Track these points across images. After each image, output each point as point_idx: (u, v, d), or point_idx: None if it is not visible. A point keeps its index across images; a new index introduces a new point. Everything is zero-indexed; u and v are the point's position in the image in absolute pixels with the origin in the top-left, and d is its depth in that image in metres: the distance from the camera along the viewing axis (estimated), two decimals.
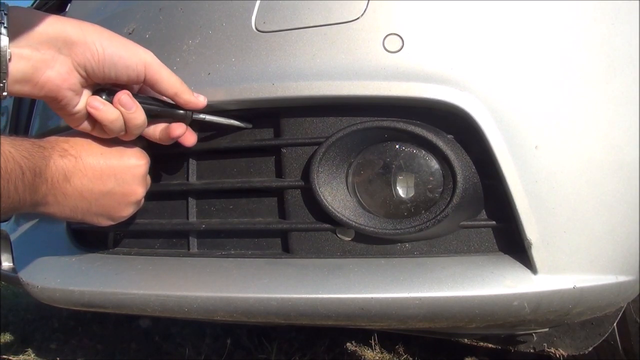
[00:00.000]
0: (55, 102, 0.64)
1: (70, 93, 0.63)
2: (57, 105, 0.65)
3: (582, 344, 0.89)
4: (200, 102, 0.70)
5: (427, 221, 0.66)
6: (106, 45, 0.63)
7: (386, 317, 0.66)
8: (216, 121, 0.73)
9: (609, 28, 0.66)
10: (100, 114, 0.65)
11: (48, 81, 0.61)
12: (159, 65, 0.67)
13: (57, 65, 0.62)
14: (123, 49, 0.64)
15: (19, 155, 0.58)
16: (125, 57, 0.64)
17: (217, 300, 0.69)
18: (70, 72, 0.62)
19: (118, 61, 0.64)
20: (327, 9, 0.67)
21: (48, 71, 0.61)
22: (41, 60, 0.61)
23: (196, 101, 0.69)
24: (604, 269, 0.67)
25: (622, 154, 0.66)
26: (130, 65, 0.65)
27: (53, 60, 0.61)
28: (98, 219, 0.71)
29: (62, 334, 1.65)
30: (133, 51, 0.65)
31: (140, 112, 0.67)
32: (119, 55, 0.64)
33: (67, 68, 0.62)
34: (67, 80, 0.62)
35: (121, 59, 0.64)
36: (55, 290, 0.81)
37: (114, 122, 0.66)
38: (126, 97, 0.66)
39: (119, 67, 0.64)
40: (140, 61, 0.65)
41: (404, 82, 0.64)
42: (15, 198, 0.58)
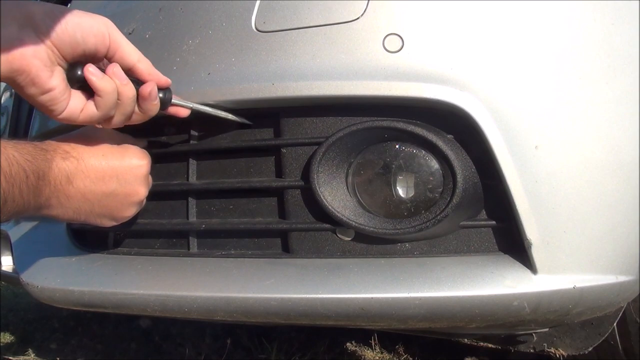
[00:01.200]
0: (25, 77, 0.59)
1: (38, 62, 0.59)
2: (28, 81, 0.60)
3: (582, 344, 0.89)
4: (163, 78, 0.68)
5: (427, 221, 0.66)
6: (64, 10, 0.62)
7: (386, 317, 0.66)
8: (204, 111, 0.71)
9: (609, 28, 0.66)
10: (100, 82, 0.63)
11: (10, 47, 0.57)
12: (118, 31, 0.66)
13: (15, 32, 0.58)
14: (82, 13, 0.63)
15: (22, 158, 0.58)
16: (87, 18, 0.63)
17: (217, 300, 0.69)
18: (35, 40, 0.59)
19: (81, 22, 0.62)
20: (327, 9, 0.67)
21: (7, 38, 0.57)
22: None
23: (159, 74, 0.68)
24: (604, 269, 0.67)
25: (622, 154, 0.66)
26: (94, 25, 0.63)
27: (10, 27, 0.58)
28: (101, 220, 0.71)
29: (62, 334, 1.64)
30: (93, 15, 0.64)
31: (131, 85, 0.65)
32: (80, 17, 0.62)
33: (29, 35, 0.59)
34: (31, 47, 0.59)
35: (84, 19, 0.63)
36: (55, 290, 0.81)
37: (110, 94, 0.64)
38: (118, 68, 0.64)
39: (85, 28, 0.62)
40: (102, 23, 0.64)
41: (404, 82, 0.64)
42: (19, 201, 0.57)
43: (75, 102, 0.64)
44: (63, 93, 0.62)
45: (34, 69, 0.59)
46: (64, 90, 0.62)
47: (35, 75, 0.59)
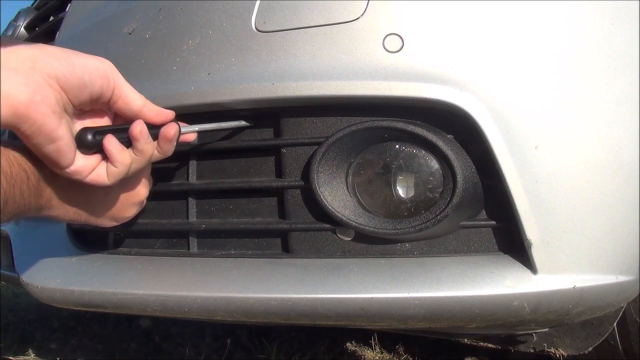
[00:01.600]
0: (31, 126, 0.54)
1: (46, 109, 0.54)
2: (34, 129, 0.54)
3: (582, 344, 0.89)
4: (169, 113, 0.66)
5: (427, 221, 0.66)
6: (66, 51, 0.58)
7: (386, 317, 0.66)
8: (211, 128, 0.71)
9: (609, 28, 0.66)
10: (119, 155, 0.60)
11: (16, 95, 0.52)
12: (119, 74, 0.63)
13: (21, 78, 0.53)
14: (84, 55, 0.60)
15: (23, 159, 0.58)
16: (92, 59, 0.60)
17: (217, 300, 0.69)
18: (41, 84, 0.54)
19: (87, 63, 0.59)
20: (327, 9, 0.67)
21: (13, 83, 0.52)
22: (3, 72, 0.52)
23: (164, 111, 0.66)
24: (604, 269, 0.67)
25: (622, 154, 0.66)
26: (99, 66, 0.60)
27: (17, 73, 0.53)
28: (102, 221, 0.71)
29: (62, 334, 1.64)
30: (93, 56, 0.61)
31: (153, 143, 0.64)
32: (85, 58, 0.59)
33: (36, 80, 0.54)
34: (39, 92, 0.53)
35: (89, 60, 0.59)
36: (55, 290, 0.81)
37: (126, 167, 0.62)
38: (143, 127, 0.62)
39: (91, 70, 0.59)
40: (106, 65, 0.61)
41: (404, 82, 0.64)
42: (20, 202, 0.57)
43: (83, 162, 0.60)
44: (70, 145, 0.58)
45: (41, 116, 0.54)
46: (71, 142, 0.59)
47: (42, 123, 0.54)
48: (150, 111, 0.65)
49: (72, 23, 0.97)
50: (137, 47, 0.79)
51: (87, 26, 0.92)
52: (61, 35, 1.00)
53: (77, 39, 0.93)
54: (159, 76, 0.75)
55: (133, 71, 0.76)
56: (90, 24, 0.91)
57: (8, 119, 0.52)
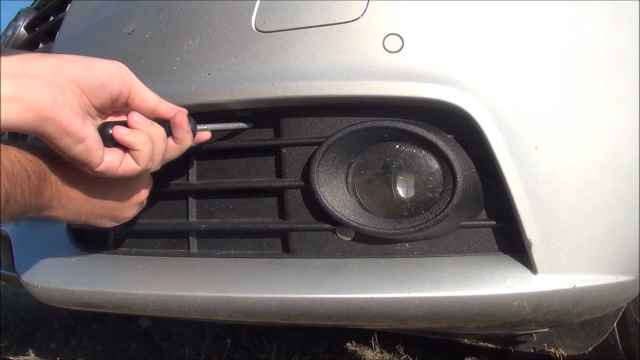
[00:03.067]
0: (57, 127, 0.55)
1: (69, 111, 0.56)
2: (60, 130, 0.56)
3: (582, 344, 0.89)
4: (183, 110, 0.68)
5: (427, 221, 0.66)
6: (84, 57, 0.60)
7: (386, 317, 0.66)
8: (216, 128, 0.72)
9: (609, 28, 0.66)
10: (132, 138, 0.61)
11: (40, 98, 0.53)
12: (134, 75, 0.65)
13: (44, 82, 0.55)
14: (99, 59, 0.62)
15: (24, 159, 0.58)
16: (107, 62, 0.62)
17: (217, 300, 0.69)
18: (63, 88, 0.56)
19: (104, 65, 0.61)
20: (327, 9, 0.67)
21: (36, 89, 0.53)
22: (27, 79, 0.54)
23: (179, 108, 0.67)
24: (604, 269, 0.67)
25: (622, 154, 0.66)
26: (114, 68, 0.62)
27: (39, 79, 0.55)
28: (102, 221, 0.71)
29: (62, 334, 1.64)
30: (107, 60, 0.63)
31: (156, 124, 0.65)
32: (101, 61, 0.62)
33: (58, 84, 0.56)
34: (61, 95, 0.55)
35: (105, 63, 0.62)
36: (55, 290, 0.81)
37: (146, 145, 0.62)
38: (138, 115, 0.64)
39: (108, 71, 0.61)
40: (121, 66, 0.63)
41: (404, 82, 0.64)
42: (21, 202, 0.57)
43: (110, 156, 0.62)
44: (98, 143, 0.59)
45: (65, 118, 0.55)
46: (99, 140, 0.60)
47: (67, 124, 0.56)
48: (166, 107, 0.67)
49: (72, 23, 0.97)
50: (137, 47, 0.79)
51: (87, 26, 0.92)
52: (61, 35, 1.00)
53: (77, 39, 0.93)
54: (159, 76, 0.75)
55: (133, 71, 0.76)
56: (90, 24, 0.91)
57: (34, 123, 0.54)
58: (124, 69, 0.64)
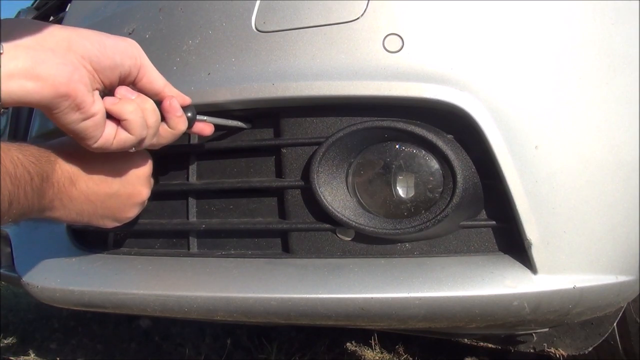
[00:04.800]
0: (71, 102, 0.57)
1: (83, 87, 0.57)
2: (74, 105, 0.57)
3: (582, 344, 0.89)
4: (187, 98, 0.68)
5: (427, 221, 0.66)
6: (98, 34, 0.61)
7: (386, 317, 0.66)
8: (217, 122, 0.72)
9: (609, 28, 0.66)
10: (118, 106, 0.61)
11: (56, 74, 0.54)
12: (145, 55, 0.65)
13: (59, 59, 0.56)
14: (113, 37, 0.62)
15: (26, 160, 0.58)
16: (120, 40, 0.63)
17: (217, 300, 0.69)
18: (77, 64, 0.57)
19: (117, 44, 0.61)
20: (327, 9, 0.67)
21: (52, 64, 0.55)
22: (42, 53, 0.55)
23: (183, 95, 0.68)
24: (604, 269, 0.67)
25: (622, 154, 0.66)
26: (127, 47, 0.62)
27: (54, 54, 0.56)
28: (104, 221, 0.71)
29: (62, 334, 1.64)
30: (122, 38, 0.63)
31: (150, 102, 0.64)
32: (114, 40, 0.62)
33: (72, 60, 0.57)
34: (76, 72, 0.56)
35: (118, 42, 0.62)
36: (55, 290, 0.81)
37: (135, 113, 0.62)
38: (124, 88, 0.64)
39: (121, 50, 0.62)
40: (133, 45, 0.64)
41: (404, 82, 0.64)
42: (24, 203, 0.57)
43: (107, 129, 0.62)
44: (104, 118, 0.61)
45: (80, 94, 0.57)
46: (105, 115, 0.61)
47: (81, 100, 0.57)
48: (171, 91, 0.67)
49: (72, 23, 0.97)
50: None
51: (87, 26, 0.92)
52: None
53: None
54: None
55: None
56: (91, 24, 0.91)
57: (50, 99, 0.55)
58: (137, 48, 0.64)
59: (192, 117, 0.69)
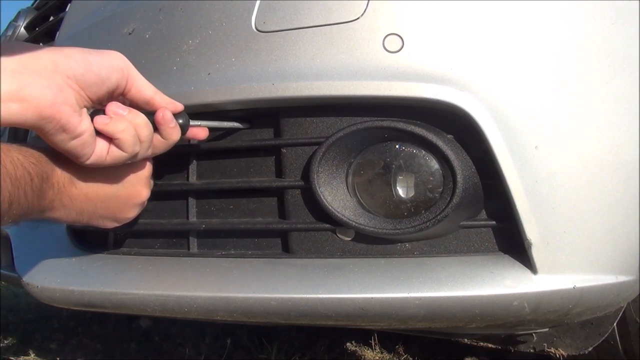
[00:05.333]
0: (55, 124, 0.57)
1: (68, 109, 0.58)
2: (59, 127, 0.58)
3: (582, 344, 0.89)
4: (178, 104, 0.68)
5: (427, 221, 0.66)
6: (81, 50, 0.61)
7: (386, 317, 0.66)
8: (211, 125, 0.72)
9: (609, 28, 0.66)
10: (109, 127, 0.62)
11: (41, 98, 0.56)
12: (132, 65, 0.65)
13: (44, 81, 0.56)
14: (98, 51, 0.63)
15: (27, 161, 0.58)
16: (106, 55, 0.63)
17: (217, 300, 0.69)
18: (63, 86, 0.58)
19: (102, 60, 0.62)
20: (327, 9, 0.67)
21: (37, 87, 0.55)
22: (27, 76, 0.55)
23: (174, 101, 0.68)
24: (604, 269, 0.67)
25: (622, 154, 0.66)
26: (113, 61, 0.62)
27: (39, 77, 0.56)
28: (104, 222, 0.71)
29: (62, 334, 1.64)
30: (108, 51, 0.64)
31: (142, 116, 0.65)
32: (100, 55, 0.62)
33: (57, 83, 0.57)
34: (60, 94, 0.57)
35: (104, 57, 0.62)
36: (55, 290, 0.81)
37: (127, 132, 0.62)
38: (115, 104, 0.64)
39: (107, 66, 0.62)
40: (119, 58, 0.64)
41: (404, 82, 0.64)
42: (24, 204, 0.57)
43: (100, 146, 0.63)
44: (92, 136, 0.61)
45: (65, 116, 0.58)
46: (93, 133, 0.61)
47: (66, 121, 0.58)
48: (161, 100, 0.67)
49: (72, 23, 0.97)
50: (137, 47, 0.79)
51: (87, 26, 0.92)
52: (61, 35, 1.00)
53: (77, 39, 0.93)
54: (159, 76, 0.75)
55: None
56: (90, 24, 0.91)
57: (34, 121, 0.56)
58: (123, 60, 0.64)
59: (185, 123, 0.68)
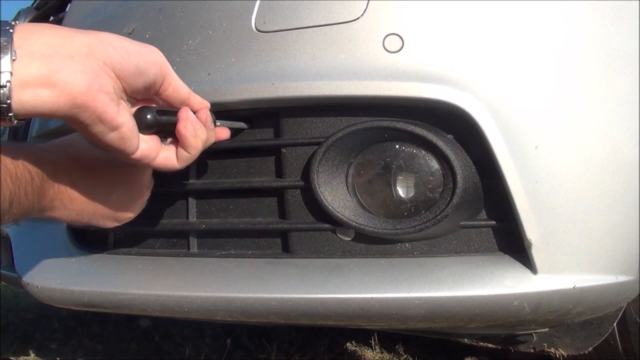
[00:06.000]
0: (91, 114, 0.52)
1: (104, 97, 0.52)
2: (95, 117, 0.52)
3: (582, 344, 0.89)
4: (206, 102, 0.67)
5: (427, 221, 0.66)
6: (121, 38, 0.56)
7: (386, 317, 0.66)
8: (228, 125, 0.72)
9: (609, 28, 0.66)
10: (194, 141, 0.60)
11: (74, 83, 0.49)
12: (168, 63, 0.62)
13: (78, 66, 0.50)
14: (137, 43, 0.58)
15: (27, 160, 0.58)
16: (144, 46, 0.58)
17: (217, 300, 0.69)
18: (99, 72, 0.52)
19: (141, 50, 0.57)
20: (327, 9, 0.67)
21: (70, 72, 0.49)
22: (59, 60, 0.49)
23: (204, 101, 0.66)
24: (604, 269, 0.67)
25: (622, 154, 0.66)
26: (151, 54, 0.58)
27: (72, 61, 0.50)
28: (104, 221, 0.71)
29: (62, 334, 1.64)
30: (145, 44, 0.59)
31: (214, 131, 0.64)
32: (139, 45, 0.58)
33: (92, 68, 0.52)
34: (96, 80, 0.51)
35: (142, 48, 0.57)
36: (55, 290, 0.81)
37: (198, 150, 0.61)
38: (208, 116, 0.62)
39: (145, 57, 0.57)
40: (157, 52, 0.60)
41: (404, 82, 0.64)
42: (25, 203, 0.57)
43: (146, 145, 0.59)
44: (133, 130, 0.56)
45: (101, 105, 0.52)
46: (134, 127, 0.57)
47: (102, 111, 0.52)
48: (195, 100, 0.65)
49: (72, 23, 0.97)
50: None
51: (87, 26, 0.92)
52: None
53: None
54: None
55: None
56: (91, 24, 0.91)
57: (67, 109, 0.50)
58: (161, 55, 0.60)
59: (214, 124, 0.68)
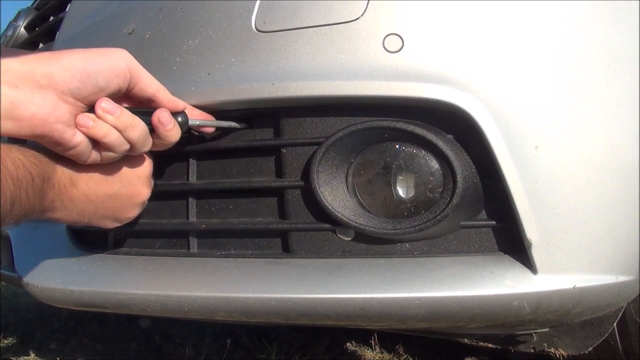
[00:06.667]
0: (49, 140, 0.60)
1: (61, 126, 0.59)
2: (53, 142, 0.60)
3: (582, 344, 0.89)
4: (180, 102, 0.69)
5: (427, 221, 0.66)
6: (81, 58, 0.60)
7: (386, 317, 0.66)
8: (210, 125, 0.72)
9: (609, 28, 0.66)
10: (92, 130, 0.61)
11: (33, 117, 0.57)
12: (136, 62, 0.65)
13: (38, 99, 0.57)
14: (100, 54, 0.62)
15: (28, 161, 0.58)
16: (106, 59, 0.62)
17: (217, 300, 0.69)
18: (56, 104, 0.58)
19: (102, 68, 0.61)
20: (327, 9, 0.67)
21: (30, 106, 0.57)
22: (20, 95, 0.56)
23: (176, 100, 0.68)
24: (604, 269, 0.67)
25: (622, 154, 0.66)
26: (113, 65, 0.62)
27: (32, 94, 0.57)
28: (104, 222, 0.71)
29: (62, 334, 1.64)
30: (111, 53, 0.63)
31: (133, 118, 0.64)
32: (99, 61, 0.61)
33: (51, 100, 0.58)
34: (53, 113, 0.58)
35: (103, 63, 0.61)
36: (55, 290, 0.81)
37: (108, 135, 0.62)
38: (106, 101, 0.62)
39: (106, 72, 0.61)
40: (121, 59, 0.63)
41: (404, 82, 0.64)
42: (26, 204, 0.58)
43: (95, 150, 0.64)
44: (88, 145, 0.63)
45: (57, 133, 0.59)
46: (88, 143, 0.62)
47: (58, 138, 0.60)
48: (164, 97, 0.68)
49: (72, 23, 0.97)
50: (137, 47, 0.79)
51: (87, 26, 0.92)
52: (61, 35, 1.00)
53: (77, 39, 0.93)
54: (159, 76, 0.75)
55: None
56: (90, 24, 0.91)
57: (29, 136, 0.59)
58: (126, 61, 0.63)
59: (184, 122, 0.69)
